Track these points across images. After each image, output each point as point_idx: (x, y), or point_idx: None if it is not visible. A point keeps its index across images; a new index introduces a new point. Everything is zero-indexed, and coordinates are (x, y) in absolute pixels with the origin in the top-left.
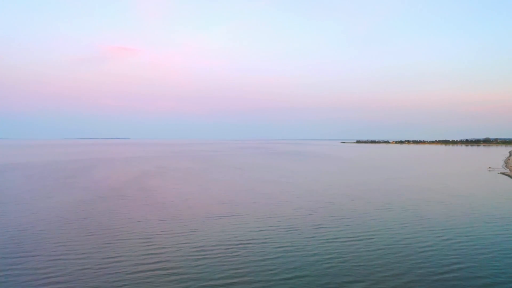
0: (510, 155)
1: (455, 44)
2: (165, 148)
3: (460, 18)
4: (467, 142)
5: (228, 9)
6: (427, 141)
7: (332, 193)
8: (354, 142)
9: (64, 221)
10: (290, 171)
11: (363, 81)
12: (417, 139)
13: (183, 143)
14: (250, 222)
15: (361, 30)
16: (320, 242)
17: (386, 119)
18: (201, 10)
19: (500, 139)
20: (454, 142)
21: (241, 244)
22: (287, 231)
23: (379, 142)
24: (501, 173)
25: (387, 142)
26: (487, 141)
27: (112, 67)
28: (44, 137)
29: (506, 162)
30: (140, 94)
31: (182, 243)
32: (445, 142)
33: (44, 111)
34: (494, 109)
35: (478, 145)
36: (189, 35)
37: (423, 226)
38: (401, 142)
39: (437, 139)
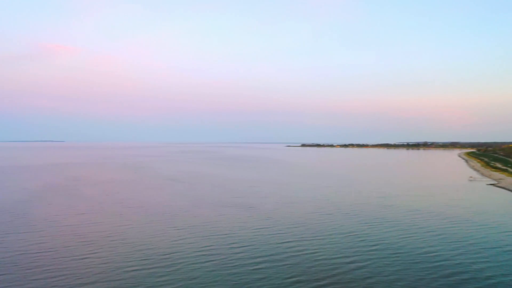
0: (467, 161)
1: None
2: (99, 152)
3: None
4: (408, 146)
5: (179, 7)
6: (370, 145)
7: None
8: (299, 146)
9: None
10: (246, 184)
11: (302, 86)
12: (360, 142)
13: (123, 146)
14: None
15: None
16: None
17: (327, 122)
18: (149, 10)
19: (436, 143)
20: (395, 146)
21: None
22: None
23: (324, 145)
24: (491, 184)
25: (332, 145)
26: (425, 145)
27: (48, 66)
28: None
29: (479, 170)
30: (77, 95)
31: None
32: (387, 145)
33: None
34: (428, 115)
35: (418, 149)
36: (133, 35)
37: None
38: (345, 145)
39: (379, 143)
